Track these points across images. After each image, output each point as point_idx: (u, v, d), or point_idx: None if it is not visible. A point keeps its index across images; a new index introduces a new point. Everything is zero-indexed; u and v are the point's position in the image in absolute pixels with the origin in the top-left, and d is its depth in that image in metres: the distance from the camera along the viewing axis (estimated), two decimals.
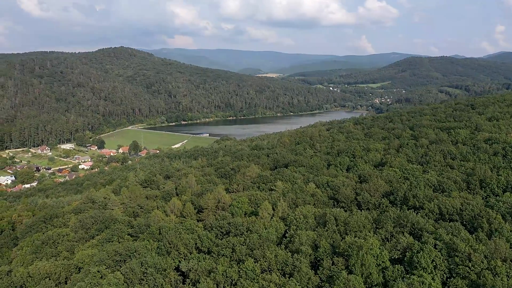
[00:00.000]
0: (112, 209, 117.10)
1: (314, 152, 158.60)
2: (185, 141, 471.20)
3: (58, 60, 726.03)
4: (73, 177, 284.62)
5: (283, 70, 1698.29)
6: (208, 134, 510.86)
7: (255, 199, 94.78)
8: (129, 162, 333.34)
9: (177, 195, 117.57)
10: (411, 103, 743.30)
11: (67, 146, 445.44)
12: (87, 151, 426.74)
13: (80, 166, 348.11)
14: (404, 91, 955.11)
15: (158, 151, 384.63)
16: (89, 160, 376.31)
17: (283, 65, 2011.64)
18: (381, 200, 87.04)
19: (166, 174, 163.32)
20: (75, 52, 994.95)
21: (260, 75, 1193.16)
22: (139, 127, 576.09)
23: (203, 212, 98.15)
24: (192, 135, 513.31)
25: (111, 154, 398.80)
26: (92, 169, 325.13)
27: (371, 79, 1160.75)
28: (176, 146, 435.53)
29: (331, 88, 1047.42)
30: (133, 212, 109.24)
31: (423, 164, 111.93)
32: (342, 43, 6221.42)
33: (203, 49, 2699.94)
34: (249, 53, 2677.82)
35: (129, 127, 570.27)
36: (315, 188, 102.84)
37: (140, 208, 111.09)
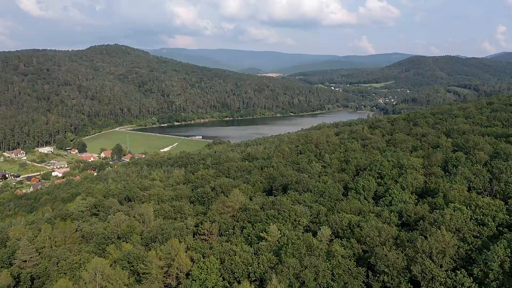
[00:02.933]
0: (24, 261, 77.85)
1: (322, 166, 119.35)
2: (175, 144, 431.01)
3: (45, 57, 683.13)
4: (38, 188, 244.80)
5: (284, 70, 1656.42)
6: (201, 137, 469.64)
7: (231, 264, 55.39)
8: (108, 169, 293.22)
9: (119, 238, 77.98)
10: (418, 104, 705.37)
11: (46, 149, 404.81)
12: (66, 155, 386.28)
13: (53, 173, 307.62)
14: (408, 91, 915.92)
15: (144, 155, 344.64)
16: (66, 165, 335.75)
17: (284, 65, 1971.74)
18: (457, 275, 47.62)
19: (127, 195, 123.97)
20: (68, 50, 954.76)
21: (260, 75, 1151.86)
22: (128, 129, 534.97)
23: (142, 282, 58.72)
24: (183, 137, 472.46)
25: (92, 158, 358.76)
26: (63, 177, 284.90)
27: (373, 78, 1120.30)
28: (165, 149, 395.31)
29: (332, 88, 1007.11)
30: (44, 271, 69.71)
31: (497, 195, 72.47)
32: (343, 43, 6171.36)
33: (204, 49, 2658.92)
34: (250, 53, 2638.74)
35: (117, 129, 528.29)
36: (331, 236, 63.85)
37: (57, 262, 71.53)
